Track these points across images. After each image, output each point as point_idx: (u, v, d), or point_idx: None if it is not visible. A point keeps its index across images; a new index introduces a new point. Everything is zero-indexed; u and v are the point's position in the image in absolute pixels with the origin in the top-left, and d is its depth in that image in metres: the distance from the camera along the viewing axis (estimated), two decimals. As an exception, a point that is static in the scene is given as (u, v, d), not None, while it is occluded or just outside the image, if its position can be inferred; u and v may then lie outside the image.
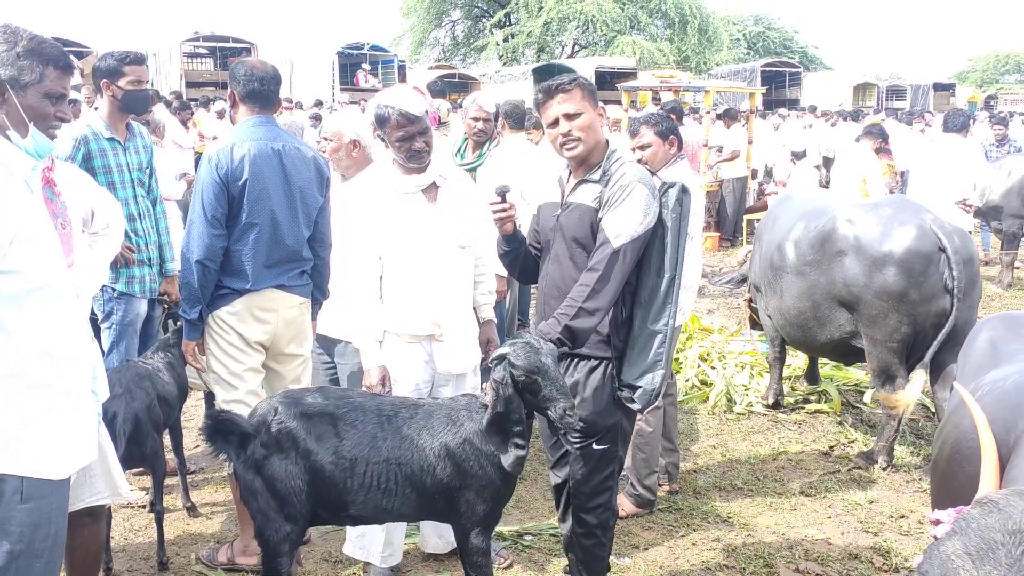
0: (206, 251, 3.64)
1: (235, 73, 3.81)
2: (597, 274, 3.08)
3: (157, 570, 3.90)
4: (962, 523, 1.55)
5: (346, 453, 2.97)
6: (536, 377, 2.87)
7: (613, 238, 3.10)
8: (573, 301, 3.08)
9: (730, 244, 12.53)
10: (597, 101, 3.28)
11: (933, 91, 34.33)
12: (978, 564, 1.47)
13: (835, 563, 4.04)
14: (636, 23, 41.75)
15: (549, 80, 3.26)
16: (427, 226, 3.62)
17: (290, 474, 2.96)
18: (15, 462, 2.33)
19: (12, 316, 2.31)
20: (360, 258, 3.67)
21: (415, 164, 3.59)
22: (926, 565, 1.53)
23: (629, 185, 3.14)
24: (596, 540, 3.37)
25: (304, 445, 2.96)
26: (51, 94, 2.46)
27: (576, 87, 3.20)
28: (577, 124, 3.18)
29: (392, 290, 3.64)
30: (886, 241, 4.86)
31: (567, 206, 3.29)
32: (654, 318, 3.20)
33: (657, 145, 4.47)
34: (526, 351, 2.89)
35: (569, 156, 3.24)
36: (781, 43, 48.62)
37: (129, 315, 4.46)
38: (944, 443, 2.56)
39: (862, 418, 5.99)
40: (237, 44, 26.94)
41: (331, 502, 3.03)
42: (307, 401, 3.06)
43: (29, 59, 2.39)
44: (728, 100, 23.17)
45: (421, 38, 43.77)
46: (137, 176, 4.48)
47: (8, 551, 2.34)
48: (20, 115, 2.40)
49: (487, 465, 3.02)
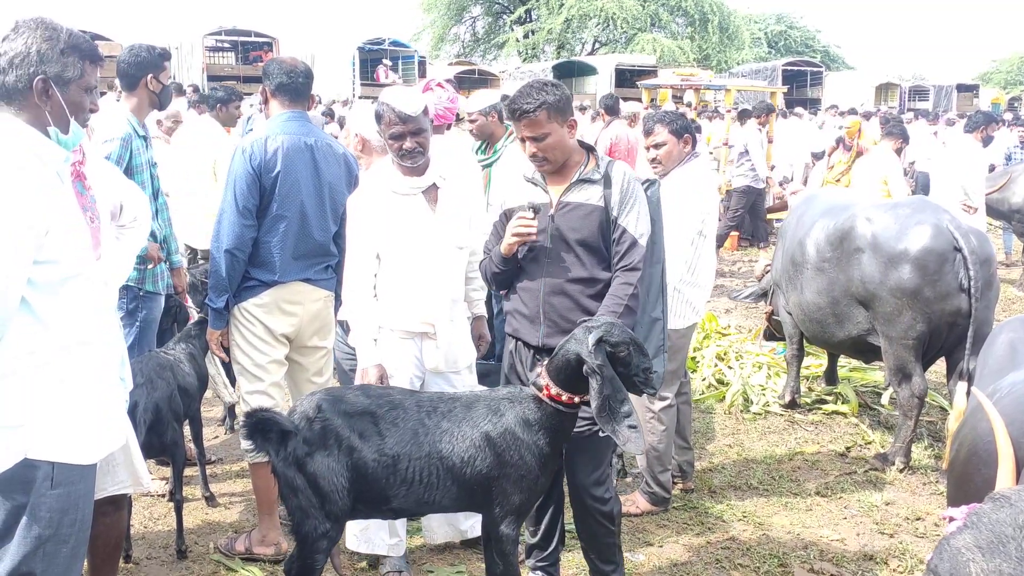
0: (236, 241, 3.68)
1: (267, 69, 3.88)
2: (638, 274, 3.28)
3: (176, 558, 3.95)
4: (974, 518, 1.55)
5: (388, 449, 2.98)
6: (631, 347, 2.96)
7: (639, 236, 3.29)
8: (619, 299, 3.23)
9: (748, 243, 12.49)
10: (567, 112, 3.30)
11: (956, 92, 34.02)
12: (988, 557, 1.47)
13: (850, 564, 4.03)
14: (657, 20, 41.64)
15: (515, 103, 3.27)
16: (426, 229, 3.62)
17: (333, 471, 2.96)
18: (46, 448, 2.37)
19: (47, 305, 2.35)
20: (355, 256, 3.65)
21: (407, 163, 3.57)
22: (936, 559, 1.54)
23: (634, 186, 3.35)
24: (606, 529, 3.41)
25: (348, 442, 2.97)
26: (88, 88, 2.49)
27: (541, 111, 3.23)
28: (542, 145, 3.28)
29: (387, 288, 3.63)
30: (902, 239, 4.89)
31: (563, 206, 3.33)
32: (652, 306, 3.46)
33: (672, 144, 4.47)
34: (615, 327, 2.98)
35: (541, 171, 3.38)
36: (803, 42, 48.35)
37: (153, 312, 4.45)
38: (961, 446, 2.55)
39: (879, 419, 5.97)
40: (259, 39, 27.06)
41: (373, 498, 3.04)
42: (349, 398, 3.07)
43: (72, 55, 2.42)
44: (749, 99, 23.05)
45: (441, 34, 43.81)
46: (152, 171, 4.52)
47: (37, 536, 2.38)
48: (64, 112, 2.42)
49: (527, 455, 3.04)
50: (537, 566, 3.64)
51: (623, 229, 3.28)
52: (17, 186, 2.26)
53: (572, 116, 3.34)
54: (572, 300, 3.34)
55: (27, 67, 2.37)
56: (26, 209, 2.26)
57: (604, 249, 3.32)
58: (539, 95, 3.24)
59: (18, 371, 2.32)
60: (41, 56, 2.38)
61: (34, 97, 2.39)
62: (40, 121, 2.41)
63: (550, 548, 3.62)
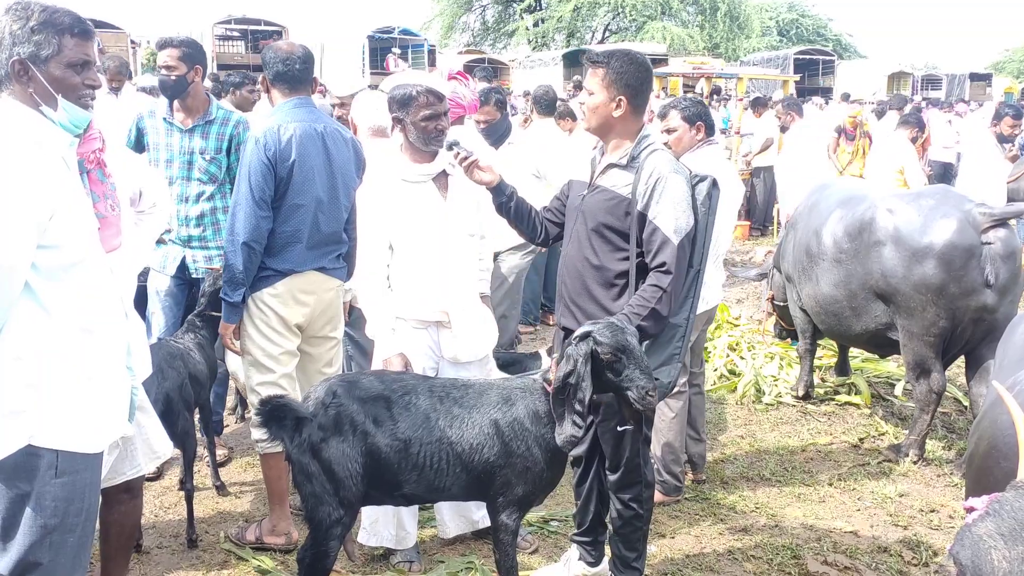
0: (252, 233, 3.63)
1: (264, 58, 3.82)
2: (671, 276, 3.09)
3: (186, 547, 3.95)
4: (995, 505, 1.55)
5: (401, 434, 2.98)
6: (621, 356, 2.88)
7: (672, 233, 3.10)
8: (645, 301, 3.09)
9: (760, 233, 12.44)
10: (620, 88, 3.20)
11: (969, 81, 33.77)
12: (1010, 545, 1.46)
13: (863, 556, 4.00)
14: (667, 9, 41.41)
15: (598, 53, 3.27)
16: (438, 216, 3.60)
17: (347, 456, 2.96)
18: (50, 436, 2.35)
19: (50, 291, 2.33)
20: (368, 246, 3.65)
21: (435, 146, 3.55)
22: (958, 546, 1.53)
23: (666, 177, 3.13)
24: (634, 512, 3.38)
25: (362, 427, 2.97)
26: (74, 63, 2.42)
27: (600, 67, 3.21)
28: (588, 103, 3.28)
29: (401, 277, 3.63)
30: (927, 233, 4.74)
31: (594, 188, 3.30)
32: (675, 311, 3.22)
33: (683, 130, 4.44)
34: (612, 330, 2.91)
35: (587, 129, 3.41)
36: (815, 31, 48.02)
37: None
38: (980, 438, 2.52)
39: (893, 411, 5.93)
40: (268, 27, 27.10)
41: (385, 483, 3.04)
42: (364, 384, 3.07)
43: (43, 32, 2.37)
44: (760, 88, 22.93)
45: (451, 22, 43.73)
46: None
47: (42, 525, 2.37)
48: (47, 90, 2.39)
49: (534, 447, 3.03)
50: (576, 540, 3.68)
51: (654, 225, 3.12)
52: (19, 169, 2.24)
53: (625, 96, 3.20)
54: (582, 284, 3.31)
55: (3, 51, 2.35)
56: (29, 192, 2.23)
57: (623, 240, 3.21)
58: (607, 56, 3.22)
59: (21, 357, 2.30)
60: (13, 37, 2.35)
61: (15, 80, 2.36)
62: (32, 103, 2.38)
63: (586, 524, 3.63)
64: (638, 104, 3.25)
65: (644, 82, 3.25)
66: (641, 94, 3.24)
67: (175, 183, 4.40)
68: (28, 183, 2.24)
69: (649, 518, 3.49)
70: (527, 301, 7.74)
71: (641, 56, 3.31)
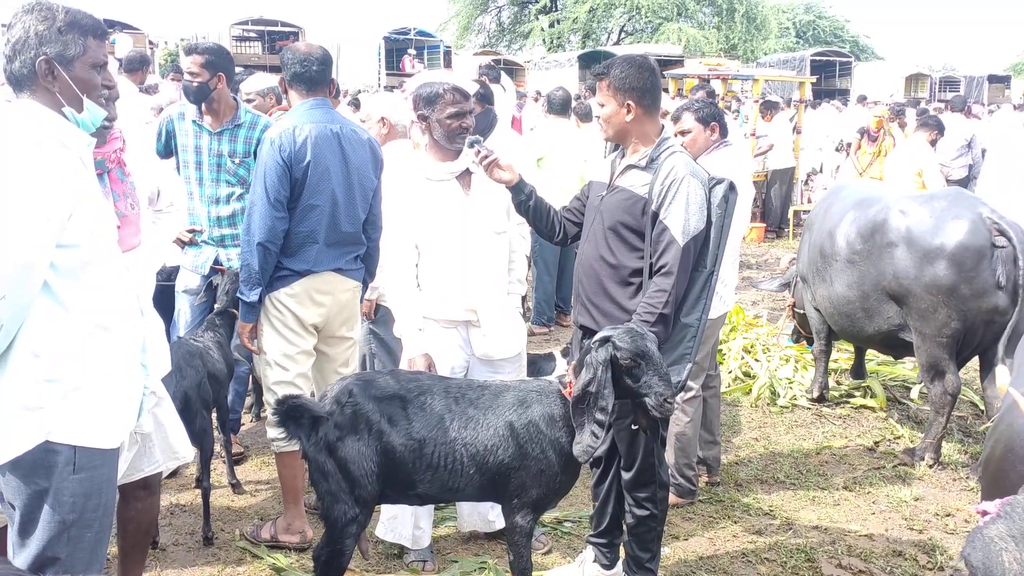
0: (268, 233, 3.66)
1: (282, 59, 3.85)
2: (672, 278, 3.14)
3: (202, 545, 3.98)
4: (1007, 508, 1.55)
5: (415, 434, 2.99)
6: (641, 361, 2.88)
7: (679, 235, 3.15)
8: (652, 307, 3.13)
9: (775, 235, 12.39)
10: (628, 94, 3.24)
11: (987, 83, 33.51)
12: (1022, 547, 1.46)
13: (878, 560, 3.99)
14: (683, 10, 41.29)
15: (600, 66, 3.34)
16: (462, 213, 3.62)
17: (363, 455, 2.97)
18: (67, 432, 2.38)
19: (69, 289, 2.36)
20: (396, 247, 3.67)
21: (460, 144, 3.58)
22: (969, 548, 1.53)
23: (682, 179, 3.17)
24: (648, 512, 3.40)
25: (378, 427, 2.98)
26: (96, 64, 2.46)
27: (604, 79, 3.29)
28: (602, 114, 3.35)
29: (428, 277, 3.65)
30: (938, 234, 4.74)
31: (613, 188, 3.34)
32: (687, 311, 3.27)
33: (698, 131, 4.45)
34: (631, 335, 2.91)
35: (605, 138, 3.49)
36: (832, 32, 47.82)
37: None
38: (997, 442, 2.52)
39: (908, 414, 5.90)
40: (285, 28, 27.17)
41: (400, 482, 3.06)
42: (380, 383, 3.08)
43: (71, 33, 2.40)
44: (776, 89, 22.83)
45: (467, 23, 43.75)
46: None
47: (60, 521, 2.39)
48: (73, 91, 2.42)
49: (549, 450, 3.03)
50: (592, 541, 3.69)
51: (663, 225, 3.17)
52: (40, 169, 2.27)
53: (632, 100, 3.25)
54: (598, 283, 3.34)
55: (28, 51, 2.37)
56: (49, 192, 2.26)
57: (638, 239, 3.26)
58: (607, 67, 3.29)
59: (39, 354, 2.32)
60: (40, 37, 2.37)
61: (40, 80, 2.39)
62: (55, 103, 2.41)
63: (603, 526, 3.64)
64: (648, 105, 3.29)
65: (648, 82, 3.28)
66: (648, 94, 3.28)
67: (205, 184, 4.45)
68: (49, 183, 2.27)
69: (663, 519, 3.50)
70: (541, 302, 7.75)
71: (641, 58, 3.35)
